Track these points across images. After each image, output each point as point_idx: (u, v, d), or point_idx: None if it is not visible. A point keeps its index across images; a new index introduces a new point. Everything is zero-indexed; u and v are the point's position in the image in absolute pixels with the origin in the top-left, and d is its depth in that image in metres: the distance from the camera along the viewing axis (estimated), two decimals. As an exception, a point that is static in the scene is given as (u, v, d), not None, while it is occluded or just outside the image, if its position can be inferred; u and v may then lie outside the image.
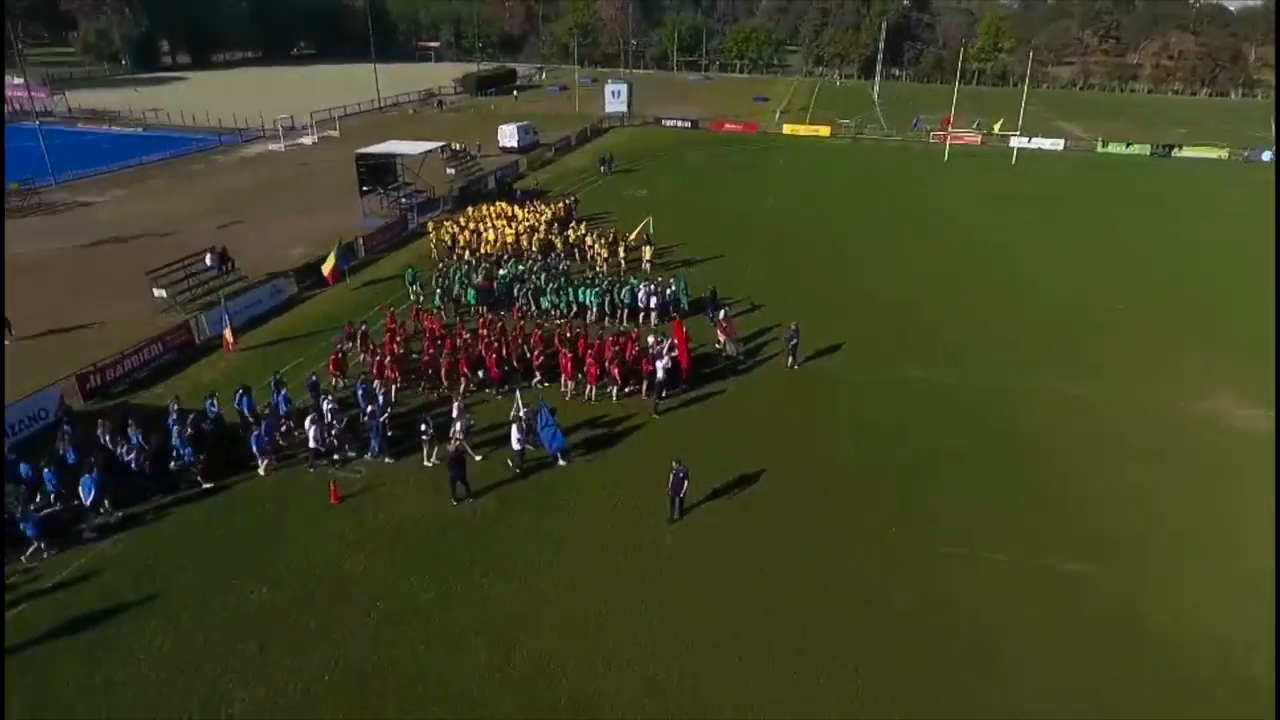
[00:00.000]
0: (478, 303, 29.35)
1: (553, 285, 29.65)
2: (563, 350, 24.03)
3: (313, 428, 20.00)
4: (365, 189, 42.53)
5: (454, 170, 51.39)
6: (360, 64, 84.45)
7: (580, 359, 23.73)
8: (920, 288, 34.35)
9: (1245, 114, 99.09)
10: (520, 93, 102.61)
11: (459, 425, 20.61)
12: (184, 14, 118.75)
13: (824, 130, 75.86)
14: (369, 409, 21.18)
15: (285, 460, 20.35)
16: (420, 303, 30.05)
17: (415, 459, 20.39)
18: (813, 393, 24.85)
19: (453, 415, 20.76)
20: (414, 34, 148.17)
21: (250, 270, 33.01)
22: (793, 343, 26.07)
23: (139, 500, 18.59)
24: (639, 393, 23.69)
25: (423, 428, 20.47)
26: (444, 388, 23.71)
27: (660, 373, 22.84)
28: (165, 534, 17.75)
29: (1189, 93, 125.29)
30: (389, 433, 20.93)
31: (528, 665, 14.31)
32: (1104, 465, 21.44)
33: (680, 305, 29.52)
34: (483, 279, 30.15)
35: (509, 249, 34.96)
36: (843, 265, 37.39)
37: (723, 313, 27.42)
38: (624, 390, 23.66)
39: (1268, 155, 67.56)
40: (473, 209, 39.58)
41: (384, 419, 20.98)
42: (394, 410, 21.86)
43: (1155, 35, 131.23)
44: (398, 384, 23.47)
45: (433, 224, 37.62)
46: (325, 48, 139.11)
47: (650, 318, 28.76)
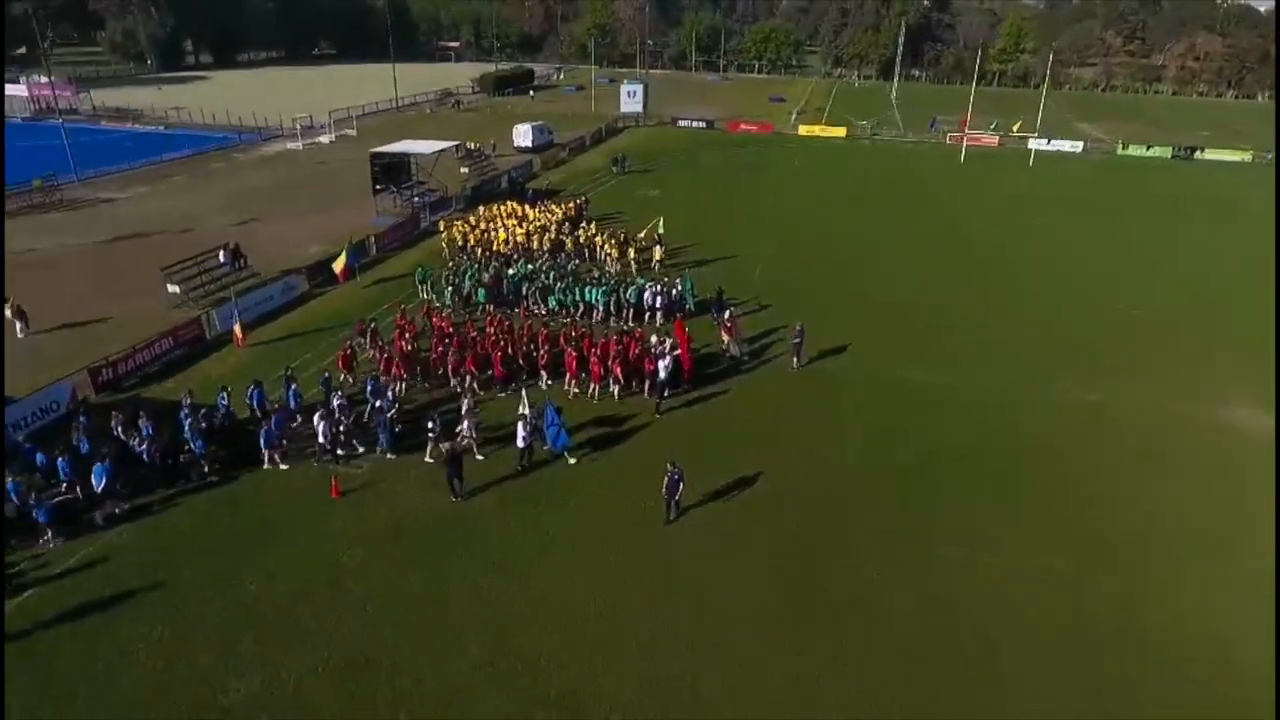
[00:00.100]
0: (486, 301, 29.58)
1: (561, 284, 29.80)
2: (568, 349, 24.16)
3: (321, 423, 20.25)
4: (379, 188, 42.93)
5: (468, 169, 51.71)
6: (380, 64, 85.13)
7: (585, 358, 23.86)
8: (929, 289, 34.17)
9: (1272, 116, 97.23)
10: (537, 93, 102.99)
11: (466, 424, 20.79)
12: (208, 14, 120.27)
13: (839, 131, 75.52)
14: (377, 405, 21.44)
15: (293, 455, 20.58)
16: (430, 301, 30.31)
17: (419, 455, 20.57)
18: (816, 393, 24.80)
19: (461, 413, 20.92)
20: (435, 34, 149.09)
21: (264, 267, 33.42)
22: (797, 343, 26.03)
23: (148, 491, 18.93)
24: (641, 392, 23.74)
25: (429, 425, 20.67)
26: (450, 385, 23.90)
27: (662, 372, 22.88)
28: (170, 525, 18.06)
29: (1214, 95, 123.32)
30: (397, 429, 21.14)
31: (521, 661, 14.41)
32: (1107, 468, 21.28)
33: (686, 305, 29.59)
34: (491, 278, 30.35)
35: (519, 249, 35.15)
36: (852, 266, 37.24)
37: (728, 313, 27.41)
38: (627, 389, 23.74)
39: (1293, 158, 66.33)
40: (484, 208, 39.83)
41: (390, 415, 21.20)
42: (403, 407, 22.09)
43: (1181, 36, 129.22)
44: (404, 381, 23.73)
45: (444, 223, 37.91)
46: (347, 48, 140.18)
47: (656, 317, 28.82)
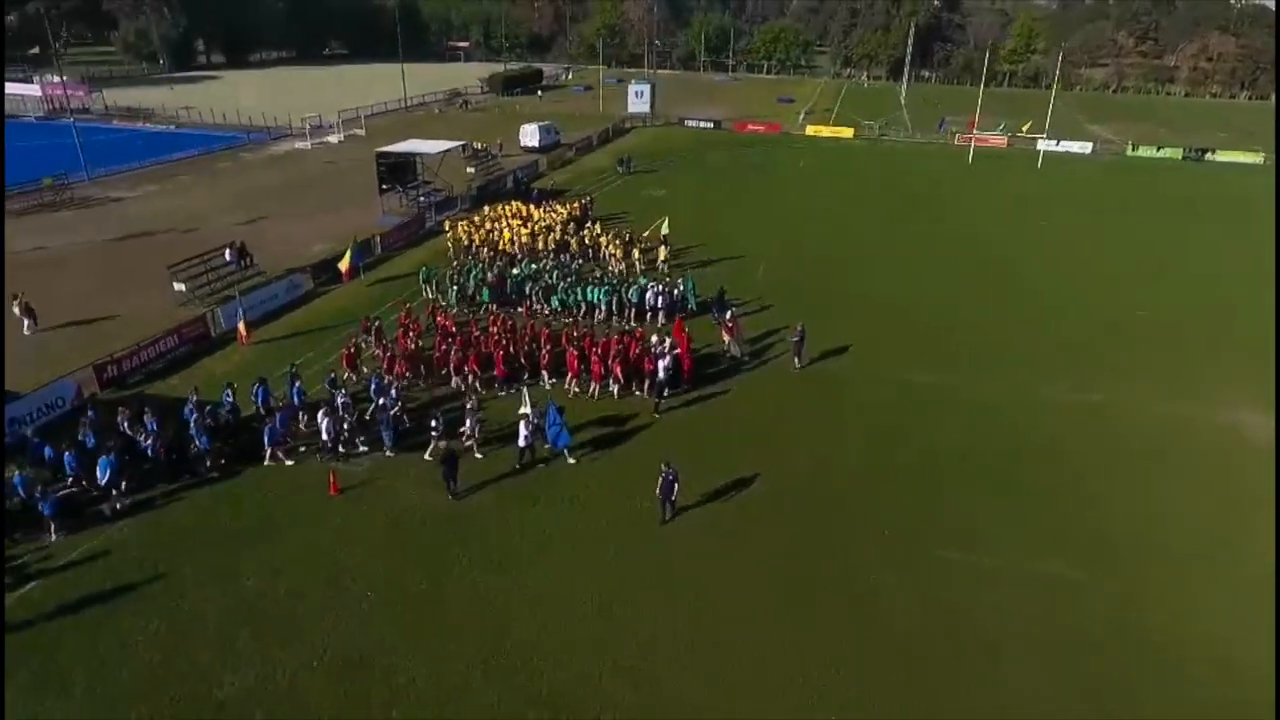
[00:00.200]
0: (489, 300, 29.72)
1: (564, 284, 29.89)
2: (569, 349, 24.25)
3: (325, 420, 20.39)
4: (385, 187, 43.15)
5: (474, 169, 51.88)
6: (390, 64, 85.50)
7: (586, 357, 23.94)
8: (933, 290, 34.11)
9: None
10: (546, 93, 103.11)
11: (468, 422, 20.85)
12: (220, 15, 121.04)
13: (847, 132, 75.31)
14: (380, 402, 21.60)
15: (297, 452, 20.74)
16: (435, 300, 30.44)
17: (421, 453, 20.67)
18: (817, 394, 24.79)
19: (465, 411, 20.98)
20: (445, 34, 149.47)
21: (270, 266, 33.63)
22: (797, 342, 26.01)
23: (152, 486, 19.16)
24: (642, 392, 23.77)
25: (433, 423, 20.79)
26: (452, 384, 24.03)
27: (661, 372, 22.93)
28: (172, 520, 18.25)
29: (1228, 96, 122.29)
30: (401, 426, 21.33)
31: (516, 659, 14.49)
32: (1108, 469, 21.22)
33: (688, 306, 29.63)
34: (495, 277, 30.45)
35: (524, 249, 35.25)
36: (856, 266, 37.19)
37: (729, 313, 27.42)
38: (627, 389, 23.80)
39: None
40: (489, 208, 39.96)
41: (393, 413, 21.34)
42: (408, 405, 22.24)
43: (1194, 37, 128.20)
44: (406, 379, 23.85)
45: (449, 223, 38.06)
46: (358, 48, 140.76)
47: (658, 317, 28.86)
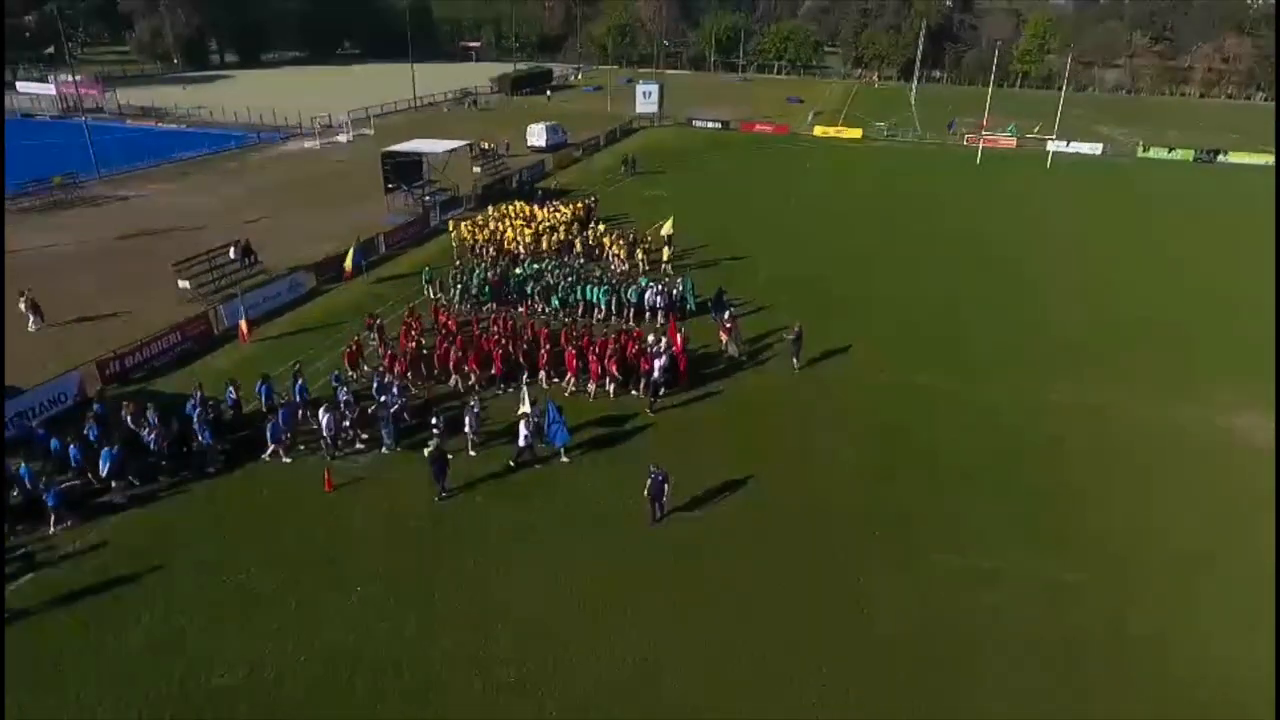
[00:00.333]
0: (490, 299, 29.90)
1: (564, 284, 30.01)
2: (568, 348, 24.36)
3: (326, 417, 20.56)
4: (390, 186, 43.44)
5: (480, 169, 52.08)
6: (402, 64, 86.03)
7: (584, 356, 24.05)
8: (935, 291, 34.03)
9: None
10: (555, 93, 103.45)
11: (467, 420, 20.95)
12: (234, 14, 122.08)
13: (855, 133, 75.15)
14: (382, 400, 21.78)
15: (299, 449, 20.93)
16: (437, 300, 30.62)
17: (419, 451, 20.64)
18: (814, 395, 24.79)
19: (467, 409, 21.09)
20: (457, 34, 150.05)
21: (274, 264, 33.90)
22: (791, 339, 25.99)
23: (154, 479, 19.46)
24: (638, 391, 23.83)
25: (434, 421, 20.94)
26: (450, 382, 24.18)
27: (656, 372, 23.00)
28: (170, 513, 18.49)
29: (1243, 97, 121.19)
30: (402, 424, 21.51)
31: (498, 653, 14.59)
32: (1107, 473, 21.11)
33: (687, 306, 29.69)
34: (495, 277, 30.61)
35: (527, 249, 35.39)
36: (859, 267, 37.15)
37: (727, 314, 27.45)
38: (623, 388, 23.87)
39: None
40: (492, 208, 40.14)
41: (395, 411, 21.52)
42: (410, 403, 22.40)
43: (1210, 37, 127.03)
44: (407, 378, 23.99)
45: (452, 223, 38.24)
46: (370, 48, 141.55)
47: (657, 317, 28.92)
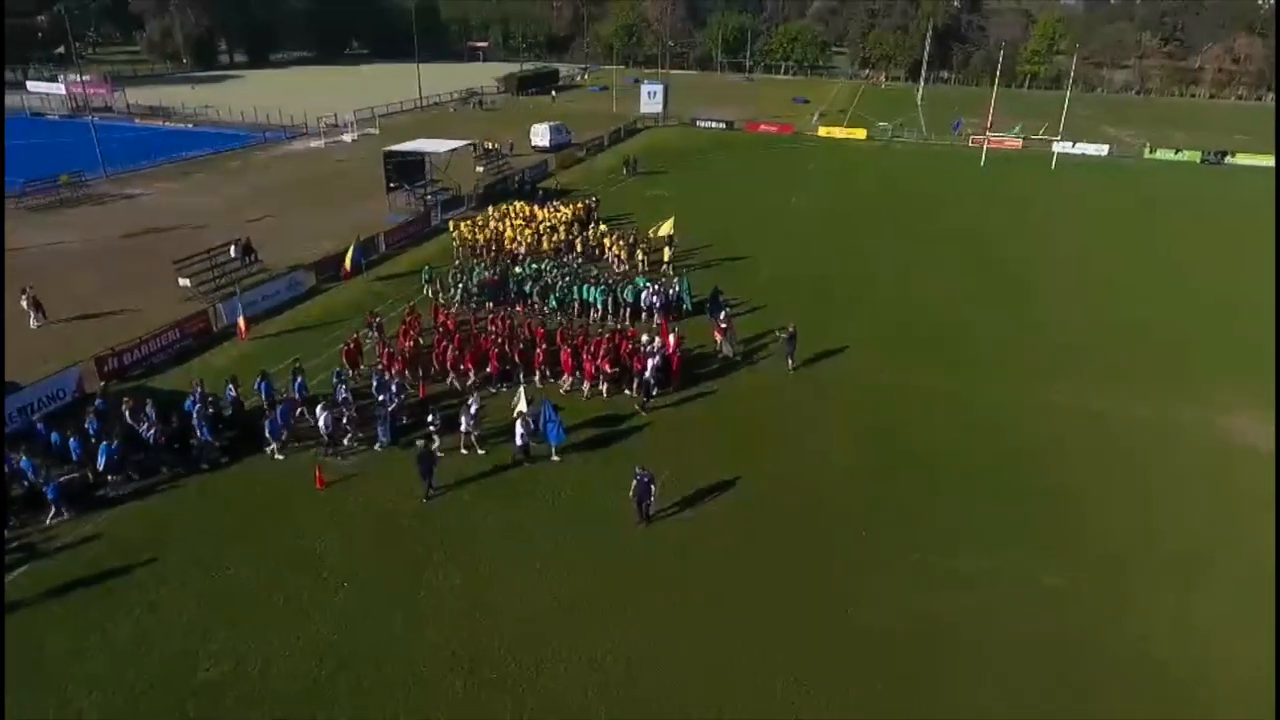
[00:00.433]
0: (488, 299, 30.04)
1: (562, 283, 30.11)
2: (564, 347, 24.47)
3: (324, 414, 20.70)
4: (392, 185, 43.66)
5: (483, 169, 52.26)
6: (409, 64, 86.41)
7: (579, 355, 24.14)
8: (934, 291, 33.98)
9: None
10: (562, 93, 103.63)
11: (463, 420, 21.00)
12: (243, 14, 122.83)
13: (860, 133, 74.98)
14: (380, 399, 21.94)
15: (297, 446, 21.07)
16: (437, 299, 30.77)
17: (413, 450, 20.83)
18: (809, 396, 24.81)
19: (469, 408, 21.15)
20: (464, 34, 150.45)
21: (276, 262, 34.10)
22: (785, 337, 25.99)
23: (152, 474, 19.69)
24: (631, 390, 23.90)
25: (429, 419, 21.05)
26: (447, 381, 24.32)
27: (649, 371, 23.07)
28: (165, 508, 18.71)
29: (1254, 98, 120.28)
30: (401, 422, 21.65)
31: (483, 651, 14.68)
32: (1102, 475, 21.06)
33: (684, 306, 29.75)
34: (492, 277, 30.72)
35: (529, 249, 35.46)
36: (860, 268, 37.12)
37: (723, 314, 27.48)
38: (616, 387, 23.94)
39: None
40: (492, 208, 40.27)
41: (393, 409, 21.66)
42: (407, 402, 22.52)
43: (1220, 38, 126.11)
44: (404, 376, 24.12)
45: (453, 223, 38.39)
46: (378, 48, 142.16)
47: (653, 317, 28.97)
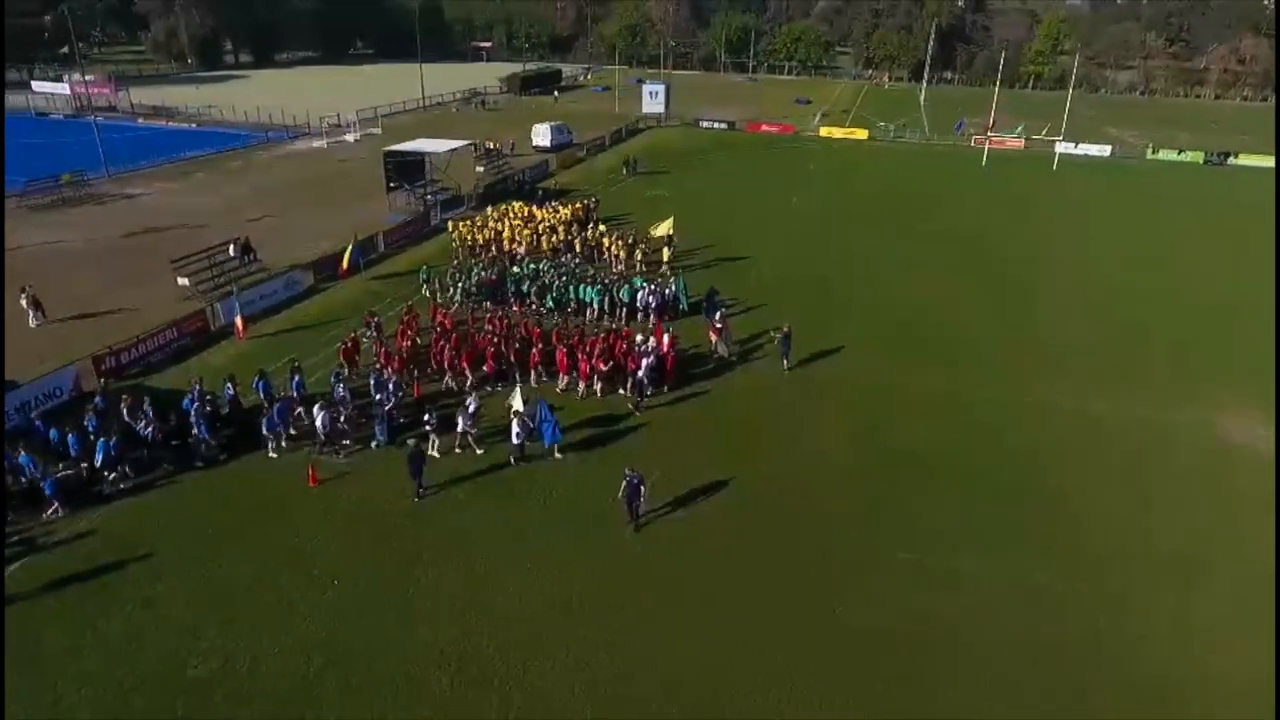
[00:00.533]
0: (485, 298, 30.14)
1: (558, 283, 30.17)
2: (559, 347, 24.54)
3: (321, 413, 20.77)
4: (392, 185, 43.80)
5: (483, 169, 52.38)
6: (413, 64, 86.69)
7: (574, 355, 24.21)
8: (931, 292, 33.95)
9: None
10: (565, 93, 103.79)
11: (460, 420, 21.03)
12: (248, 14, 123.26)
13: (861, 134, 74.93)
14: (377, 398, 22.03)
15: (294, 444, 21.16)
16: (434, 299, 30.86)
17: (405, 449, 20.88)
18: (803, 396, 24.82)
19: (467, 408, 21.24)
20: (469, 34, 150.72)
21: (274, 261, 34.23)
22: (781, 340, 26.00)
23: (150, 470, 19.83)
24: (626, 390, 23.94)
25: (426, 418, 21.12)
26: (443, 381, 24.41)
27: (641, 371, 23.11)
28: (158, 505, 18.84)
29: (1260, 99, 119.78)
30: (395, 422, 21.71)
31: (471, 649, 14.73)
32: (1095, 477, 21.04)
33: (680, 306, 29.80)
34: (489, 276, 30.80)
35: (529, 249, 35.54)
36: (858, 268, 37.13)
37: (719, 314, 27.51)
38: (610, 386, 23.99)
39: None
40: (491, 209, 40.36)
41: (389, 409, 21.75)
42: (403, 400, 22.62)
43: (1226, 39, 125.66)
44: (400, 376, 24.21)
45: (452, 223, 38.48)
46: (383, 48, 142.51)
47: (649, 317, 29.02)
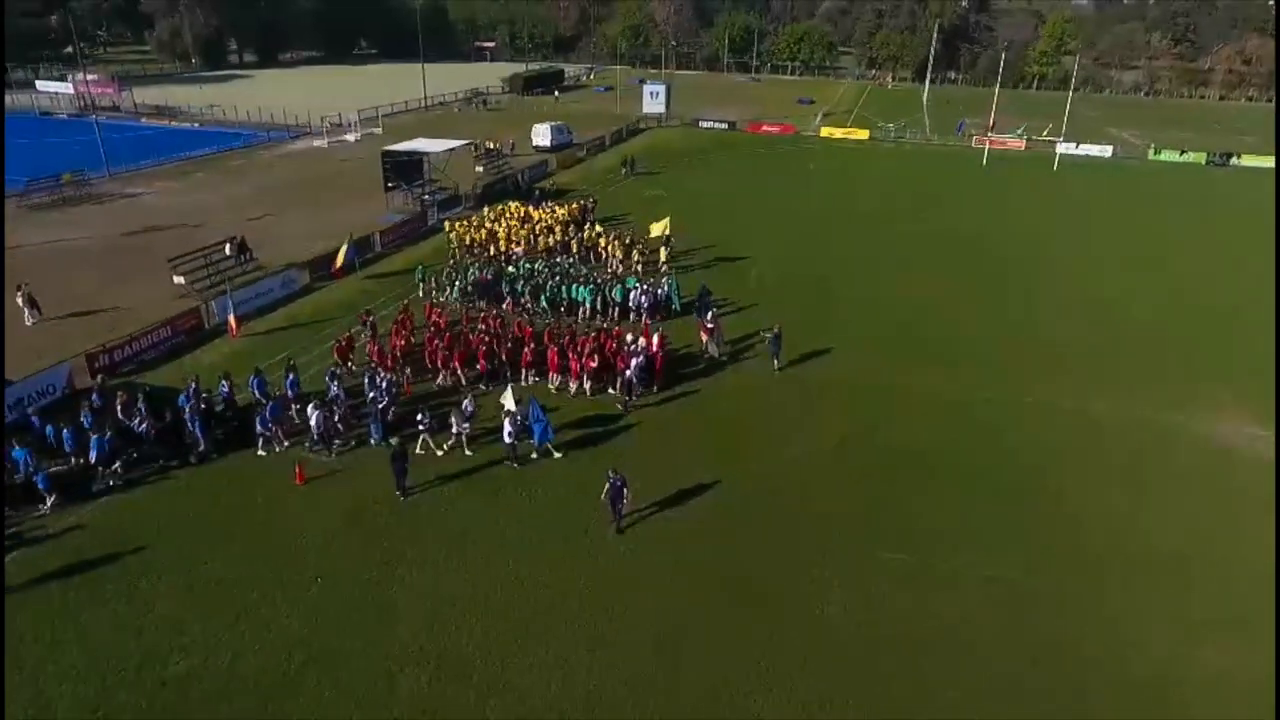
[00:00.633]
0: (479, 297, 30.22)
1: (552, 283, 30.24)
2: (550, 346, 24.60)
3: (315, 413, 20.84)
4: (390, 185, 43.92)
5: (482, 168, 52.50)
6: (416, 64, 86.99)
7: (565, 354, 24.27)
8: (927, 292, 33.90)
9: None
10: (567, 93, 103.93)
11: (454, 419, 21.08)
12: (252, 14, 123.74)
13: (863, 134, 74.84)
14: (371, 396, 22.13)
15: (288, 443, 21.20)
16: (430, 298, 30.94)
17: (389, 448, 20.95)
18: (793, 396, 24.81)
19: (463, 408, 21.28)
20: (472, 34, 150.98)
21: (272, 260, 34.38)
22: (772, 340, 26.01)
23: (143, 467, 19.98)
24: (615, 389, 23.99)
25: (419, 418, 21.18)
26: (436, 380, 24.50)
27: (629, 371, 23.16)
28: (149, 501, 18.97)
29: (1265, 99, 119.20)
30: (389, 420, 21.79)
31: (449, 647, 14.80)
32: (1088, 478, 21.01)
33: (672, 306, 29.83)
34: (484, 276, 30.86)
35: (527, 249, 35.59)
36: (855, 268, 37.10)
37: (710, 313, 27.52)
38: (599, 385, 24.05)
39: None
40: (488, 209, 40.45)
41: (382, 407, 21.82)
42: (397, 399, 22.68)
43: (1231, 39, 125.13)
44: (394, 374, 24.29)
45: (449, 223, 38.56)
46: (385, 48, 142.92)
47: (642, 317, 29.05)
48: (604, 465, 19.52)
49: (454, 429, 21.03)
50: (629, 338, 24.96)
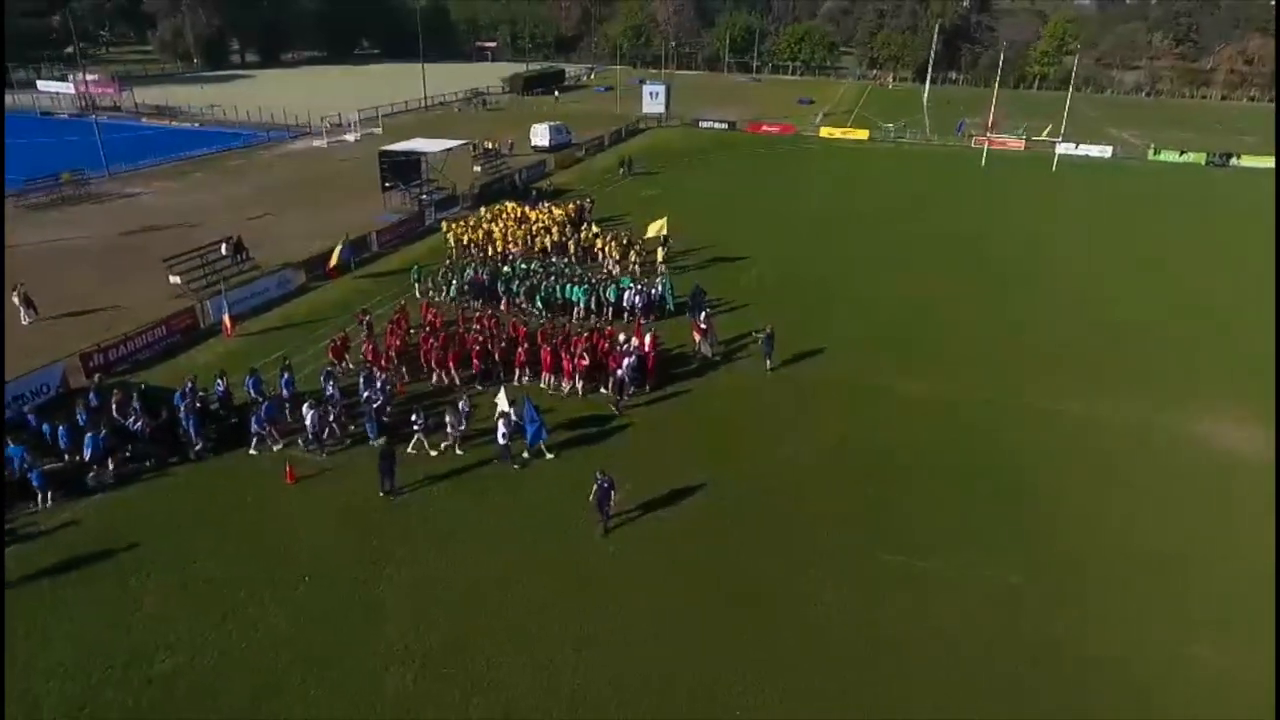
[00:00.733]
0: (474, 297, 30.24)
1: (546, 283, 30.26)
2: (544, 346, 24.62)
3: (310, 412, 20.86)
4: (388, 185, 43.96)
5: (480, 168, 52.52)
6: (418, 63, 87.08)
7: (558, 354, 24.29)
8: (927, 294, 33.84)
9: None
10: (566, 93, 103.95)
11: (449, 419, 21.08)
12: (254, 14, 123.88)
13: (862, 134, 74.78)
14: (366, 395, 22.16)
15: (266, 444, 21.18)
16: (426, 298, 30.96)
17: (402, 447, 20.79)
18: (784, 397, 24.80)
19: (459, 408, 21.27)
20: (473, 34, 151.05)
21: (268, 260, 34.38)
22: (764, 340, 26.00)
23: (134, 464, 19.99)
24: (607, 389, 23.99)
25: (413, 418, 21.21)
26: (431, 380, 24.52)
27: (620, 371, 23.16)
28: (141, 499, 19.03)
29: (1267, 100, 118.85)
30: (384, 420, 21.79)
31: (435, 646, 14.82)
32: (1082, 480, 20.97)
33: (666, 306, 29.84)
34: (480, 276, 30.88)
35: (524, 249, 35.61)
36: (853, 269, 37.10)
37: (703, 313, 27.52)
38: (590, 382, 24.06)
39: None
40: (485, 209, 40.47)
41: (377, 406, 21.84)
42: (392, 398, 22.71)
43: (1233, 39, 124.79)
44: (389, 374, 24.33)
45: (446, 223, 38.60)
46: (387, 48, 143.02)
47: (636, 317, 29.04)
48: (595, 466, 19.46)
49: (449, 429, 21.04)
50: (621, 337, 24.99)
